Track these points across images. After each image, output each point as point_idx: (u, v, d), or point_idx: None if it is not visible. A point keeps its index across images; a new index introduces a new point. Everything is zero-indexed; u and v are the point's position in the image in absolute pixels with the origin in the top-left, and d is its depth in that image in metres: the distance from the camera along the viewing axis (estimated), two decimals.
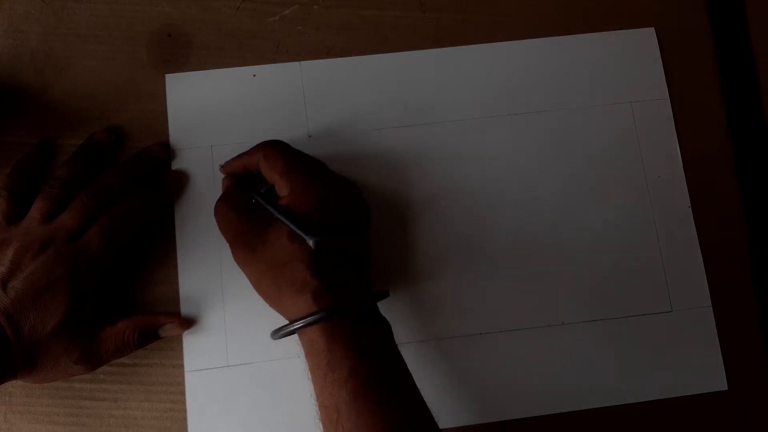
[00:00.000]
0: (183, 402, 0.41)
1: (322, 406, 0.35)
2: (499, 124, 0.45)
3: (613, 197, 0.45)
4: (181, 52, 0.45)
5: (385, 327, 0.37)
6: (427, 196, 0.44)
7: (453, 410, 0.42)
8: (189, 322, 0.42)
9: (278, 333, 0.37)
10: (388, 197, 0.44)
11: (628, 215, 0.45)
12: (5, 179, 0.41)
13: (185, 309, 0.42)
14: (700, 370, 0.43)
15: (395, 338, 0.37)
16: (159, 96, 0.44)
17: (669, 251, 0.44)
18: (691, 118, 0.46)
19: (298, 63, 0.45)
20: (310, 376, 0.36)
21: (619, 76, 0.46)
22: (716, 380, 0.43)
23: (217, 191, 0.43)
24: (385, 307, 0.38)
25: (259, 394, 0.41)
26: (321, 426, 0.35)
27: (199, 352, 0.42)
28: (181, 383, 0.41)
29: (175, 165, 0.44)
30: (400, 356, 0.36)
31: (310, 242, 0.35)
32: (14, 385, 0.41)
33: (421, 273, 0.43)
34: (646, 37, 0.47)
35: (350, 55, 0.46)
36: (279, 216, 0.37)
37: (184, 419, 0.41)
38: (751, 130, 0.47)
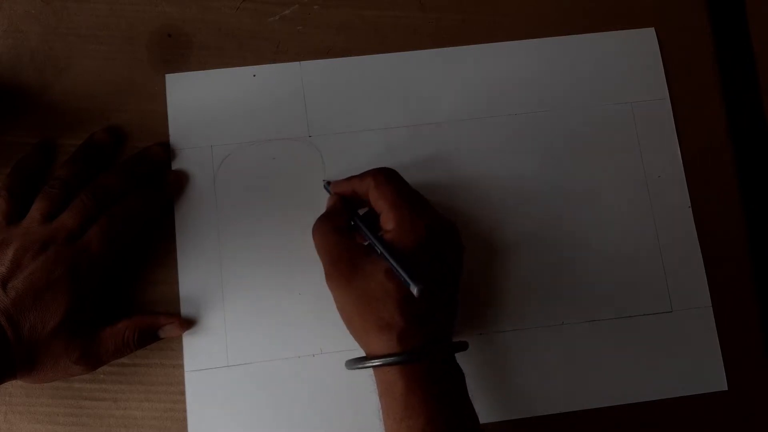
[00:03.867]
0: (183, 402, 0.41)
1: None
2: (499, 124, 0.45)
3: (614, 197, 0.45)
4: (181, 52, 0.45)
5: (461, 377, 0.36)
6: (427, 195, 0.44)
7: None
8: (189, 323, 0.42)
9: (355, 365, 0.36)
10: None
11: (628, 215, 0.45)
12: (5, 179, 0.41)
13: (185, 309, 0.42)
14: (700, 370, 0.43)
15: None
16: (159, 96, 0.44)
17: (669, 251, 0.44)
18: (691, 118, 0.46)
19: (298, 63, 0.45)
20: (381, 416, 0.35)
21: (619, 76, 0.46)
22: (716, 380, 0.43)
23: (218, 192, 0.43)
24: None
25: (259, 394, 0.41)
26: None
27: (199, 352, 0.42)
28: (181, 383, 0.41)
29: (175, 165, 0.44)
30: (473, 408, 0.36)
31: (414, 290, 0.34)
32: (14, 385, 0.41)
33: None
34: (646, 37, 0.47)
35: (350, 55, 0.46)
36: (384, 253, 0.36)
37: (184, 419, 0.41)
38: (751, 130, 0.47)
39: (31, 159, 0.43)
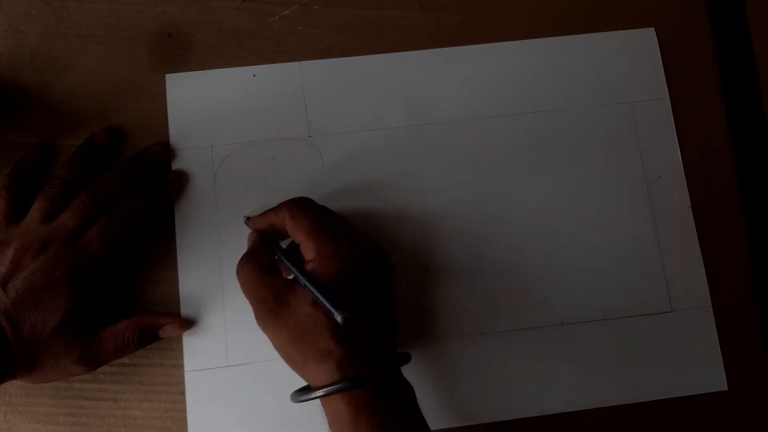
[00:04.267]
0: (183, 402, 0.41)
1: None
2: (499, 124, 0.45)
3: (613, 197, 0.45)
4: (181, 52, 0.45)
5: (410, 393, 0.36)
6: (427, 195, 0.44)
7: (453, 410, 0.42)
8: (189, 323, 0.42)
9: (299, 397, 0.36)
10: (388, 196, 0.44)
11: (628, 215, 0.45)
12: (5, 179, 0.41)
13: (185, 309, 0.42)
14: (700, 370, 0.43)
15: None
16: (159, 96, 0.44)
17: (669, 251, 0.44)
18: (691, 118, 0.46)
19: (298, 63, 0.45)
20: None
21: (619, 76, 0.46)
22: (716, 380, 0.43)
23: (218, 192, 0.43)
24: None
25: (259, 394, 0.41)
26: None
27: (199, 352, 0.42)
28: (181, 383, 0.41)
29: (175, 165, 0.44)
30: (424, 421, 0.35)
31: (338, 318, 0.34)
32: (14, 385, 0.41)
33: (418, 273, 0.43)
34: (646, 37, 0.47)
35: (350, 55, 0.46)
36: (306, 284, 0.35)
37: (184, 419, 0.41)
38: (751, 130, 0.47)
39: (31, 159, 0.43)
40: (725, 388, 0.43)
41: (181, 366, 0.41)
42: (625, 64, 0.47)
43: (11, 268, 0.37)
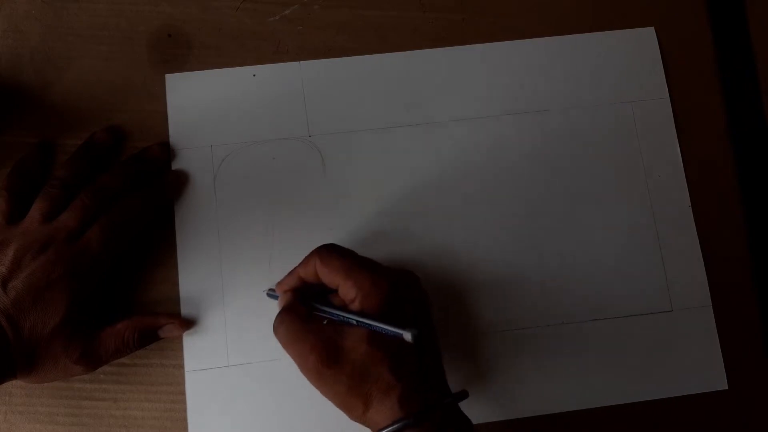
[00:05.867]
0: (183, 402, 0.41)
1: None
2: (499, 124, 0.45)
3: (613, 197, 0.45)
4: (181, 52, 0.45)
5: (469, 426, 0.35)
6: (427, 195, 0.44)
7: None
8: (189, 323, 0.42)
9: None
10: (388, 196, 0.44)
11: (628, 215, 0.45)
12: (5, 179, 0.41)
13: (185, 309, 0.42)
14: (700, 370, 0.43)
15: None
16: (159, 96, 0.44)
17: (669, 251, 0.44)
18: (691, 118, 0.46)
19: (298, 63, 0.45)
20: None
21: (619, 76, 0.46)
22: (716, 380, 0.43)
23: (218, 192, 0.43)
24: None
25: (259, 394, 0.41)
26: None
27: (199, 352, 0.42)
28: (181, 383, 0.41)
29: (175, 165, 0.44)
30: None
31: (408, 336, 0.33)
32: (14, 385, 0.41)
33: (420, 272, 0.43)
34: (646, 37, 0.47)
35: (350, 55, 0.46)
36: (360, 320, 0.35)
37: (184, 419, 0.41)
38: (751, 130, 0.47)
39: (31, 159, 0.43)
40: (725, 387, 0.43)
41: (181, 366, 0.41)
42: (625, 64, 0.47)
43: (11, 269, 0.37)
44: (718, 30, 0.48)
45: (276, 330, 0.37)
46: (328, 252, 0.37)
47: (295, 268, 0.39)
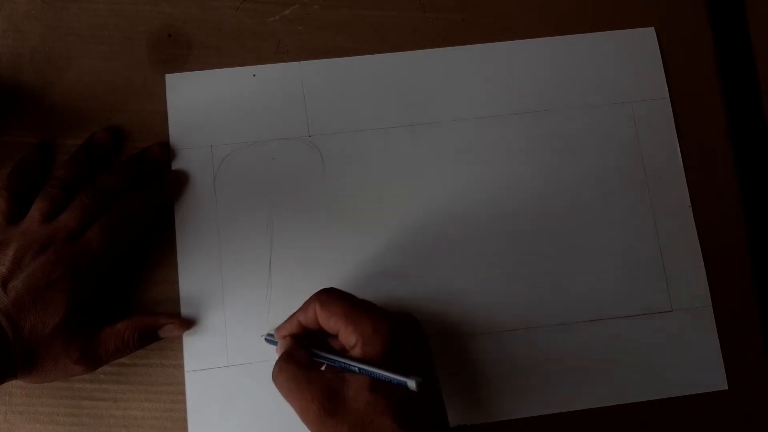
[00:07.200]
0: (183, 402, 0.41)
1: None
2: (499, 124, 0.45)
3: (613, 197, 0.45)
4: (181, 52, 0.45)
5: None
6: (427, 195, 0.44)
7: (452, 410, 0.42)
8: (189, 323, 0.42)
9: None
10: (388, 196, 0.44)
11: (629, 215, 0.45)
12: (5, 179, 0.41)
13: (185, 309, 0.42)
14: (700, 370, 0.43)
15: None
16: (159, 96, 0.44)
17: (669, 251, 0.44)
18: (691, 118, 0.46)
19: (298, 63, 0.45)
20: None
21: (619, 76, 0.46)
22: (716, 380, 0.43)
23: (218, 192, 0.43)
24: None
25: (259, 394, 0.41)
26: None
27: (199, 352, 0.42)
28: (181, 383, 0.41)
29: (175, 165, 0.44)
30: None
31: (412, 384, 0.32)
32: (14, 385, 0.41)
33: (419, 271, 0.43)
34: (646, 37, 0.47)
35: (350, 55, 0.46)
36: (362, 367, 0.34)
37: (184, 419, 0.41)
38: (751, 130, 0.47)
39: (31, 159, 0.43)
40: (725, 387, 0.43)
41: (181, 366, 0.41)
42: (625, 64, 0.47)
43: (11, 268, 0.37)
44: (718, 30, 0.48)
45: (275, 378, 0.36)
46: (329, 296, 0.37)
47: (294, 314, 0.38)
